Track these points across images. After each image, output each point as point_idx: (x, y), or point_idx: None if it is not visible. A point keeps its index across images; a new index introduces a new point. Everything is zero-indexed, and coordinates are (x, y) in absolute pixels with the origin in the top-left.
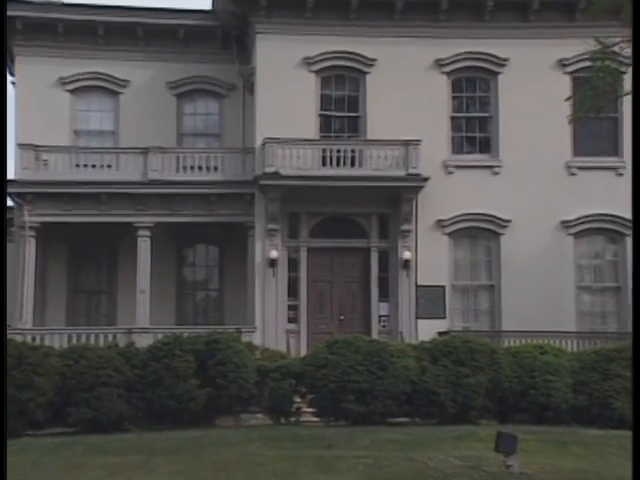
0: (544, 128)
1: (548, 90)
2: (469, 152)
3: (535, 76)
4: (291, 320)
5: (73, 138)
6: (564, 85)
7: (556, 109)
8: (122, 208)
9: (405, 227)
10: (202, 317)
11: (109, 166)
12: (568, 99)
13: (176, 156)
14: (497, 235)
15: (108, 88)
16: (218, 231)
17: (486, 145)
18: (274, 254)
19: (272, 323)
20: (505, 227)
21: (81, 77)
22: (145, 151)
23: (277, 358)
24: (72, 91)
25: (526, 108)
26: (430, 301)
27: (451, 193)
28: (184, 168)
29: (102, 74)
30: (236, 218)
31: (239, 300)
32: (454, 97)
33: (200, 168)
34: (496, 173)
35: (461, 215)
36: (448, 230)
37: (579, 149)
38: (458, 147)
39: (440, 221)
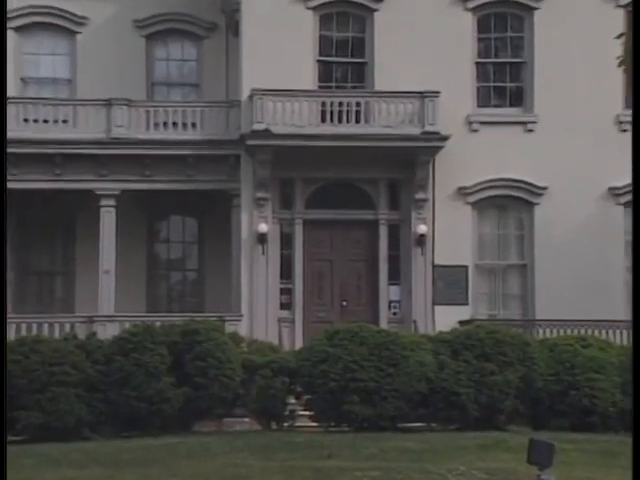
0: (589, 75)
1: (596, 28)
2: (498, 105)
3: (580, 11)
4: (284, 306)
5: (20, 87)
6: (616, 20)
7: (605, 51)
8: (81, 173)
9: (420, 196)
10: (178, 303)
11: (64, 121)
12: (620, 36)
13: (146, 110)
14: (530, 205)
15: (62, 26)
16: (197, 200)
17: (518, 96)
18: (264, 228)
19: (261, 310)
20: (540, 195)
21: (29, 12)
22: (108, 104)
23: (267, 352)
24: (17, 29)
25: (568, 51)
26: (450, 284)
27: (475, 155)
28: (155, 125)
29: (55, 9)
30: (218, 185)
31: (222, 283)
32: (480, 39)
33: (175, 125)
34: (530, 130)
35: (487, 181)
36: (471, 199)
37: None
38: (484, 99)
39: (462, 189)
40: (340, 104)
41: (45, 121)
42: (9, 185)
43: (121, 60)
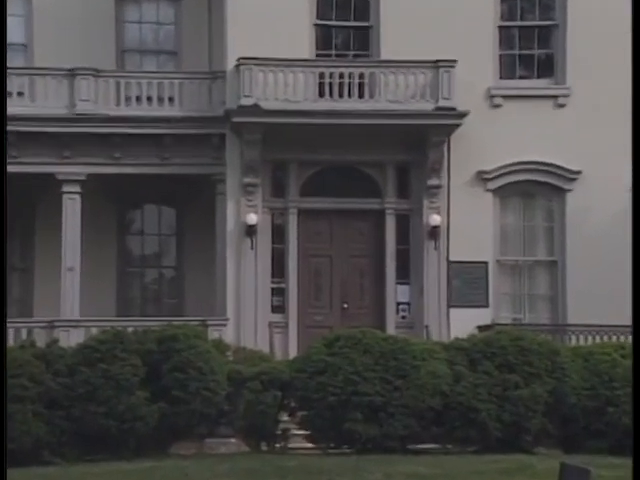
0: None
1: None
2: (524, 76)
3: None
4: (276, 309)
5: None
6: None
7: None
8: (40, 154)
9: (433, 181)
10: (153, 305)
11: (20, 94)
12: None
13: (115, 82)
14: (562, 192)
15: None
16: (175, 187)
17: (548, 66)
18: (252, 219)
19: (250, 313)
20: (573, 181)
21: None
22: (71, 74)
23: (257, 361)
24: None
25: (606, 13)
26: (467, 283)
27: (498, 134)
28: (127, 99)
29: None
30: (200, 169)
31: (204, 282)
32: None
33: (149, 99)
34: (561, 105)
35: (511, 165)
36: (493, 185)
37: None
38: (508, 70)
39: (482, 173)
40: (341, 75)
41: None
42: None
43: (86, 23)
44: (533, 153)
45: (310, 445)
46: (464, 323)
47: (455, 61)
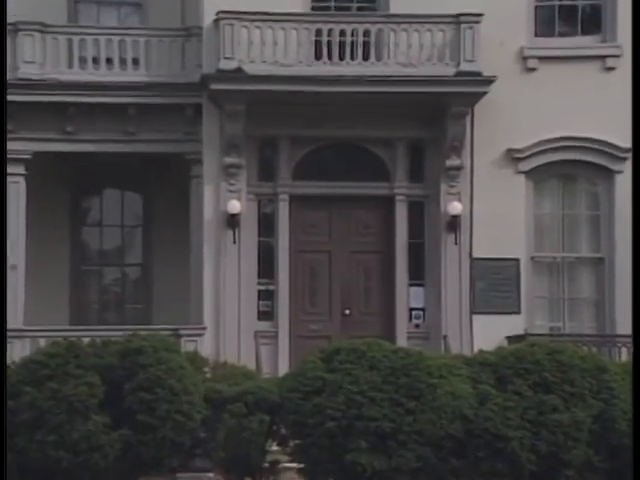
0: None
1: None
2: (564, 33)
3: None
4: (263, 316)
5: None
6: None
7: None
8: None
9: (453, 162)
10: (115, 311)
11: None
12: None
13: (67, 39)
14: (610, 174)
15: None
16: (141, 168)
17: (594, 21)
18: (235, 207)
19: (232, 321)
20: (624, 160)
21: None
22: (13, 29)
23: (240, 379)
24: None
25: None
26: (494, 285)
27: (532, 104)
28: (82, 60)
29: None
30: (171, 147)
31: (177, 283)
32: None
33: (110, 62)
34: (610, 68)
35: (549, 141)
36: (526, 166)
37: None
38: (546, 26)
39: (513, 151)
40: (342, 33)
41: None
42: None
43: None
44: (575, 127)
45: None
46: (490, 333)
47: (481, 15)
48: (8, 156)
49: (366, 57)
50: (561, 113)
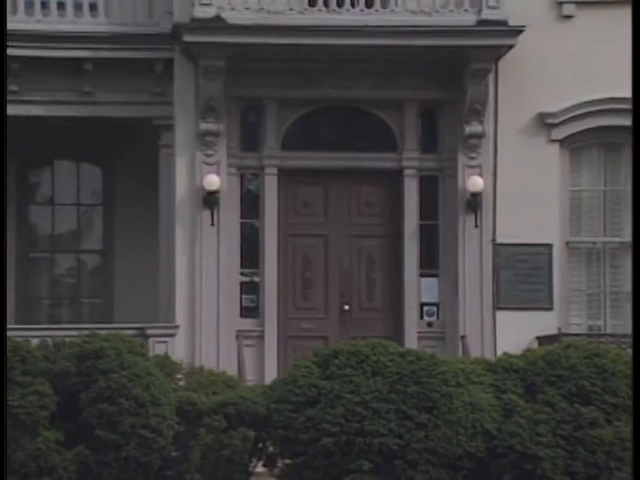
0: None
1: None
2: None
3: None
4: (247, 312)
5: None
6: None
7: None
8: None
9: (473, 129)
10: (69, 307)
11: None
12: None
13: None
14: None
15: None
16: (101, 136)
17: None
18: (213, 182)
19: (209, 318)
20: None
21: None
22: None
23: (219, 387)
24: None
25: None
26: (522, 276)
27: (568, 58)
28: (28, 5)
29: None
30: (137, 110)
31: (144, 273)
32: None
33: (62, 7)
34: None
35: (588, 103)
36: (560, 133)
37: None
38: None
39: (545, 116)
40: None
41: None
42: None
43: None
44: (620, 86)
45: None
46: (517, 333)
47: None
48: None
49: (369, 4)
50: (603, 70)
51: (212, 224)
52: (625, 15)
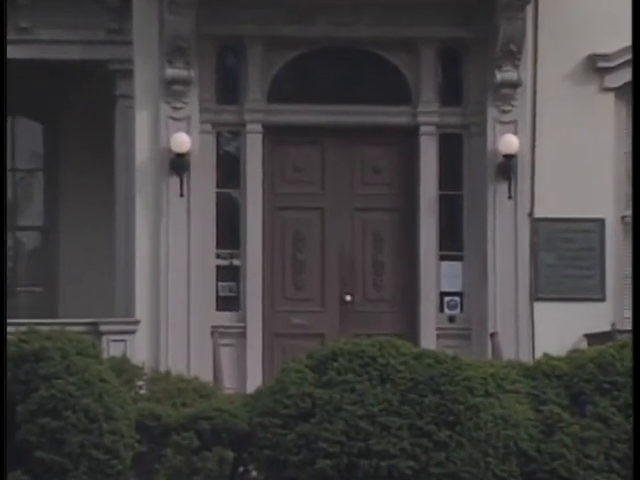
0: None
1: None
2: None
3: None
4: (225, 304)
5: None
6: None
7: None
8: None
9: (507, 75)
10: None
11: None
12: None
13: None
14: None
15: None
16: (42, 84)
17: None
18: (183, 142)
19: (178, 312)
20: None
21: None
22: None
23: (190, 396)
24: None
25: None
26: (567, 258)
27: None
28: None
29: None
30: (86, 51)
31: (95, 256)
32: None
33: None
34: None
35: None
36: (616, 81)
37: None
38: None
39: (596, 59)
40: None
41: None
42: None
43: None
44: None
45: None
46: (561, 329)
47: None
48: None
49: None
50: None
51: (181, 194)
52: None
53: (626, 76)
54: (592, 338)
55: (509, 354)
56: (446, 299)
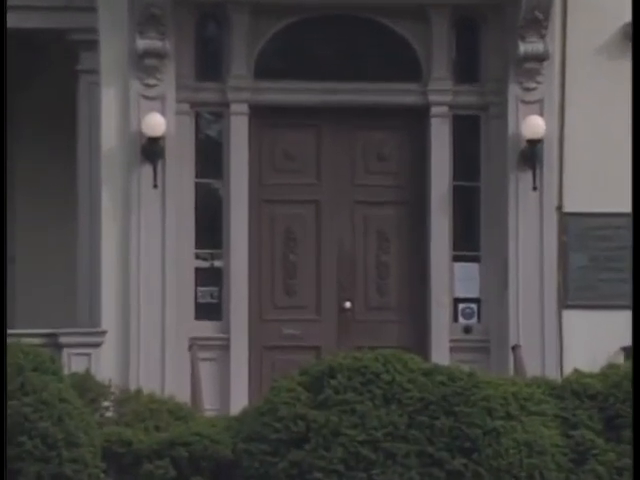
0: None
1: None
2: None
3: None
4: (205, 312)
5: None
6: None
7: None
8: None
9: (531, 47)
10: None
11: None
12: None
13: None
14: None
15: None
16: None
17: None
18: (156, 124)
19: (151, 321)
20: None
21: None
22: None
23: (164, 419)
24: None
25: None
26: (601, 260)
27: None
28: None
29: None
30: (44, 19)
31: (55, 257)
32: None
33: None
34: None
35: None
36: None
37: None
38: None
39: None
40: None
41: None
42: None
43: None
44: None
45: None
46: (594, 342)
47: None
48: None
49: None
50: None
51: (155, 185)
52: None
53: None
54: (630, 352)
55: (534, 370)
56: (461, 306)
